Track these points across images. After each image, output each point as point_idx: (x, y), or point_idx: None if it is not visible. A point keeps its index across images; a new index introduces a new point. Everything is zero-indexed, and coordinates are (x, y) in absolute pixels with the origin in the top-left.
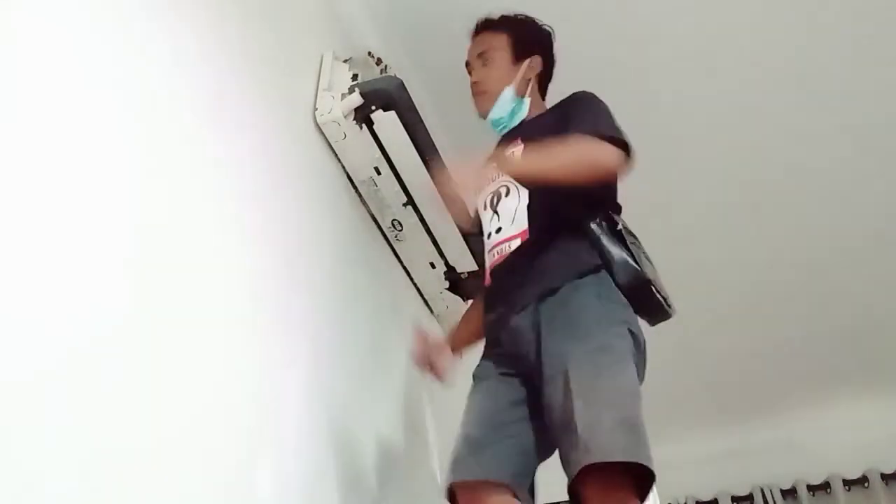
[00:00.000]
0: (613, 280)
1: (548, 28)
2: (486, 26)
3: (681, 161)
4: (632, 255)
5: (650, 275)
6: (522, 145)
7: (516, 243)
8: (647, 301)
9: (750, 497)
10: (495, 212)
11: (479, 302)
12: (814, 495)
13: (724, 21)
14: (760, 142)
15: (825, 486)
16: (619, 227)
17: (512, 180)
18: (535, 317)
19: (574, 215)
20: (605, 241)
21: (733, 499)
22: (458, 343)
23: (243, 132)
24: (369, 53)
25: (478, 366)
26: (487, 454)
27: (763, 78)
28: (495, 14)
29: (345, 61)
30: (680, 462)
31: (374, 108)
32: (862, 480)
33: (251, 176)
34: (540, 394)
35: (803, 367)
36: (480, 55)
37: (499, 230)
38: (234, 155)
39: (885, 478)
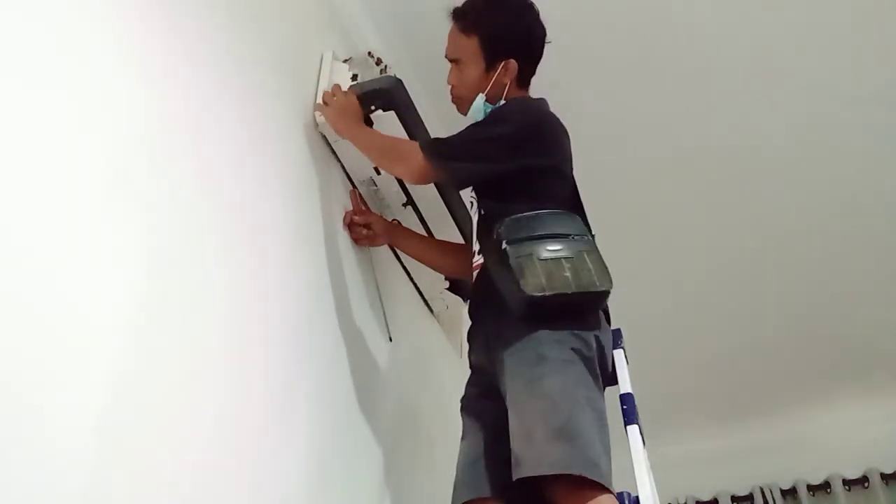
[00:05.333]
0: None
1: (527, 10)
2: (457, 19)
3: (678, 159)
4: (514, 280)
5: (533, 289)
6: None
7: (476, 272)
8: (556, 308)
9: (750, 497)
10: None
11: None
12: (814, 495)
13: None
14: (760, 138)
15: (825, 486)
16: (504, 245)
17: (473, 195)
18: (489, 341)
19: (495, 239)
20: (501, 281)
21: (733, 499)
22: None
23: (243, 132)
24: (369, 53)
25: (465, 388)
26: (475, 474)
27: (758, 76)
28: (467, 5)
29: (345, 61)
30: (680, 462)
31: (373, 107)
32: (862, 480)
33: (251, 176)
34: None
35: (803, 366)
36: (453, 61)
37: (479, 251)
38: (234, 155)
39: (885, 478)
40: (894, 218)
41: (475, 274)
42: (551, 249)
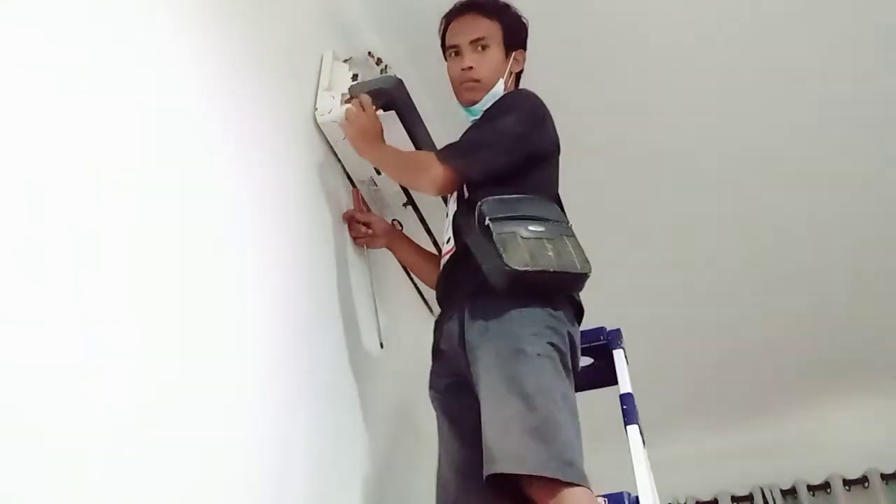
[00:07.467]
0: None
1: (526, 20)
2: (478, 8)
3: (678, 158)
4: (497, 252)
5: (517, 264)
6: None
7: (447, 257)
8: (538, 286)
9: (750, 497)
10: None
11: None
12: (814, 495)
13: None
14: (759, 135)
15: (825, 486)
16: (486, 221)
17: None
18: (461, 324)
19: (477, 217)
20: (484, 255)
21: (733, 499)
22: (401, 252)
23: (243, 132)
24: (369, 53)
25: (429, 377)
26: (465, 479)
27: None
28: None
29: (345, 61)
30: (680, 462)
31: (374, 107)
32: (862, 480)
33: (251, 176)
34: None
35: (803, 367)
36: (476, 41)
37: (448, 241)
38: (234, 155)
39: (885, 478)
40: (894, 217)
41: (445, 260)
42: (533, 230)
